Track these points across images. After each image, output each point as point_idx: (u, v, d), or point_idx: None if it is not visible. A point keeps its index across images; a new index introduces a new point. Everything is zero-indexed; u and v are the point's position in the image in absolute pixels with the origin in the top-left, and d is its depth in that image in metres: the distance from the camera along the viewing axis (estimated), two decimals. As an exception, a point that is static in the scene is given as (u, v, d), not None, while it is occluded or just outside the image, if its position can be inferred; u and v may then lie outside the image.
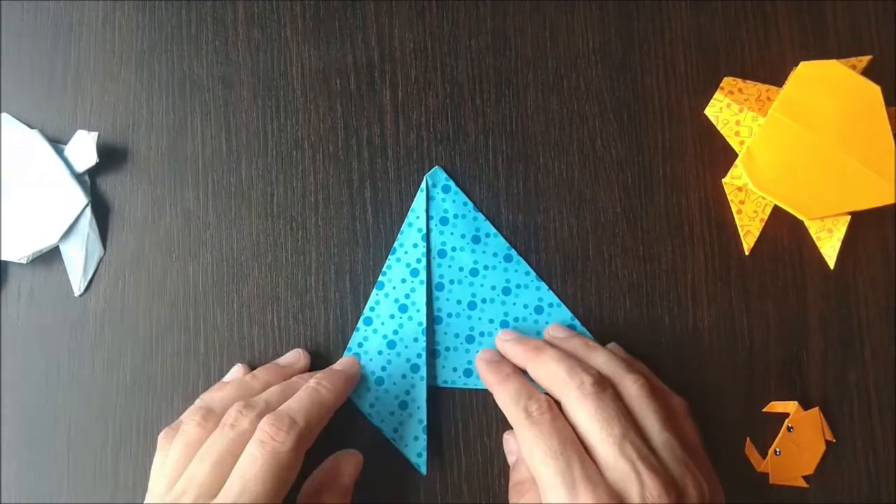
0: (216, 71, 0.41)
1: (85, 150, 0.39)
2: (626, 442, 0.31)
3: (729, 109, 0.39)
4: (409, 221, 0.40)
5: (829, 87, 0.38)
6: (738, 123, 0.39)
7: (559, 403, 0.34)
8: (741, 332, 0.39)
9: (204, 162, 0.41)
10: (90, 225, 0.40)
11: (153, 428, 0.39)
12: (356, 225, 0.40)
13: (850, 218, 0.38)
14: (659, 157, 0.40)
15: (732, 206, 0.39)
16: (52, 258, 0.40)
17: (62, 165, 0.39)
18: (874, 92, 0.37)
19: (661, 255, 0.40)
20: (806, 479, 0.38)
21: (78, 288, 0.40)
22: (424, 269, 0.39)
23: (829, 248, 0.39)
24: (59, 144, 0.40)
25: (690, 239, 0.40)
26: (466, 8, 0.41)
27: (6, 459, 0.39)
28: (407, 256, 0.39)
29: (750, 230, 0.39)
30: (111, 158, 0.41)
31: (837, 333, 0.39)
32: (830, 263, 0.39)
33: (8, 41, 0.42)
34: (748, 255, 0.39)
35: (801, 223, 0.39)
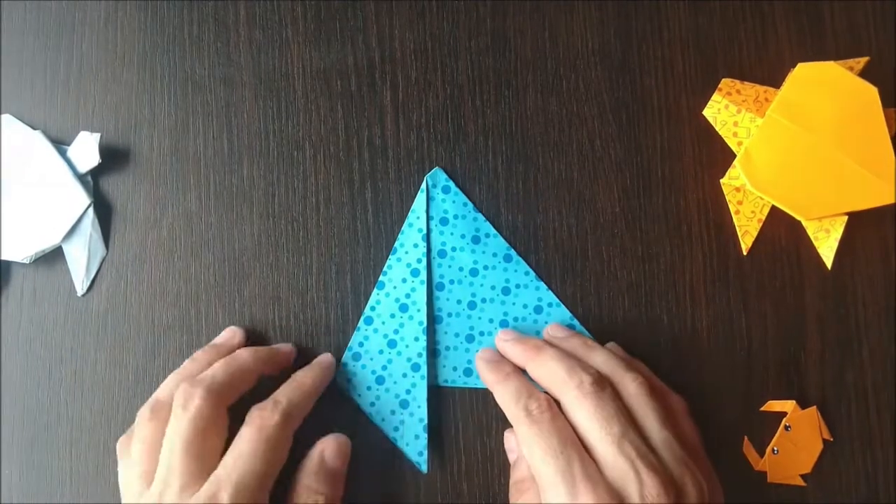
0: (218, 72, 0.41)
1: (87, 150, 0.40)
2: (625, 441, 0.31)
3: (727, 110, 0.39)
4: (409, 222, 0.40)
5: (826, 88, 0.38)
6: (736, 124, 0.39)
7: (559, 403, 0.34)
8: (739, 331, 0.39)
9: (206, 162, 0.41)
10: (93, 225, 0.40)
11: (155, 427, 0.39)
12: (357, 225, 0.40)
13: (847, 218, 0.38)
14: (657, 157, 0.40)
15: (730, 206, 0.40)
16: (54, 258, 0.40)
17: (65, 166, 0.40)
18: (871, 93, 0.37)
19: (659, 255, 0.40)
20: (803, 477, 0.38)
21: (80, 288, 0.40)
22: (425, 269, 0.39)
23: (826, 248, 0.39)
24: (61, 145, 0.40)
25: (689, 239, 0.40)
26: (466, 9, 0.41)
27: (7, 459, 0.40)
28: (407, 256, 0.39)
29: (748, 230, 0.40)
30: (113, 159, 0.41)
31: (835, 333, 0.39)
32: (828, 263, 0.39)
33: (10, 41, 0.42)
34: (746, 255, 0.40)
35: (798, 223, 0.39)
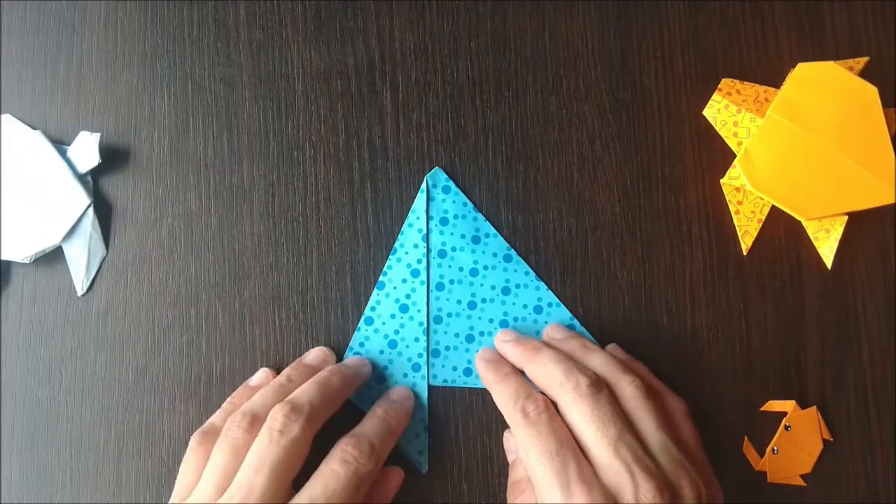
0: (218, 72, 0.41)
1: (87, 150, 0.40)
2: (621, 443, 0.31)
3: (727, 110, 0.39)
4: (409, 222, 0.40)
5: (826, 88, 0.38)
6: (735, 124, 0.39)
7: (556, 404, 0.34)
8: (739, 331, 0.39)
9: (206, 162, 0.41)
10: (92, 225, 0.40)
11: (155, 427, 0.39)
12: (357, 225, 0.40)
13: (847, 218, 0.38)
14: (657, 157, 0.40)
15: (730, 206, 0.40)
16: (54, 258, 0.40)
17: (65, 166, 0.40)
18: (871, 93, 0.37)
19: (659, 255, 0.40)
20: (803, 477, 0.38)
21: (80, 288, 0.40)
22: (425, 269, 0.39)
23: (826, 248, 0.39)
24: (61, 145, 0.40)
25: (689, 239, 0.40)
26: (466, 9, 0.41)
27: (8, 459, 0.40)
28: (407, 257, 0.39)
29: (748, 230, 0.40)
30: (113, 159, 0.41)
31: (835, 333, 0.39)
32: (828, 263, 0.39)
33: (10, 42, 0.42)
34: (746, 255, 0.40)
35: (798, 223, 0.39)
